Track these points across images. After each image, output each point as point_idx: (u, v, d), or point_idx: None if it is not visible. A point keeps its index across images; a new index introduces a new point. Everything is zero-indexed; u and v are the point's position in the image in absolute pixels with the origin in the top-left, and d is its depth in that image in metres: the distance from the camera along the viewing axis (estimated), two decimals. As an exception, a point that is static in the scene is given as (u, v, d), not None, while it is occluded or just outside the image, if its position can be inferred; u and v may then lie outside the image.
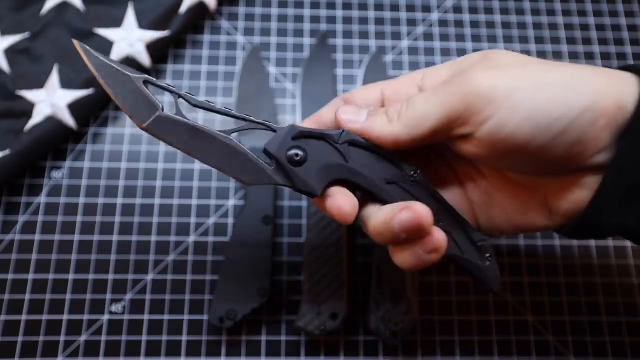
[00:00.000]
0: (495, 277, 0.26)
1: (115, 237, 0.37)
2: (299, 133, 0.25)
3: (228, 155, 0.24)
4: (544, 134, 0.22)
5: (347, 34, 0.44)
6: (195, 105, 0.25)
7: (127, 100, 0.23)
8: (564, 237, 0.28)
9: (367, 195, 0.25)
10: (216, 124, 0.40)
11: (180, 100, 0.25)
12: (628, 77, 0.23)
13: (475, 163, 0.27)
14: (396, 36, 0.44)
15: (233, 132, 0.24)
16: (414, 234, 0.23)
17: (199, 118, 0.40)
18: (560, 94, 0.22)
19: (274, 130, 0.25)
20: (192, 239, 0.38)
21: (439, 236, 0.23)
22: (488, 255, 0.25)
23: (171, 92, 0.24)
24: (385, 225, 0.23)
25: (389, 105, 0.26)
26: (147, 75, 0.24)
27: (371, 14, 0.44)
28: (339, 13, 0.44)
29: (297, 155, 0.24)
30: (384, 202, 0.25)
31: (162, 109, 0.24)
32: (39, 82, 0.38)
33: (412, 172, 0.25)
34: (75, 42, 0.24)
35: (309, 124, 0.28)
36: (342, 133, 0.25)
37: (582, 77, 0.22)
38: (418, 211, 0.23)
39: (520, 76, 0.22)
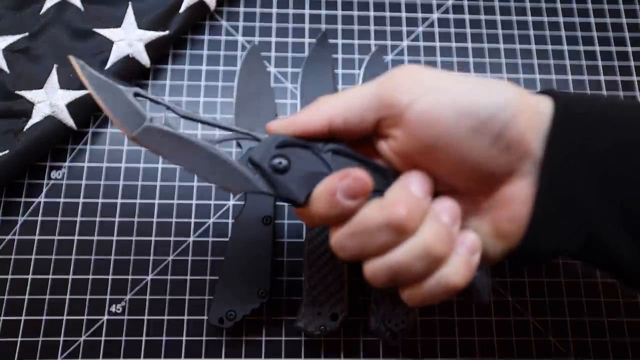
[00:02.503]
0: (485, 287, 0.24)
1: (114, 237, 0.37)
2: (283, 142, 0.25)
3: (213, 164, 0.25)
4: (469, 119, 0.23)
5: (348, 33, 0.43)
6: (182, 116, 0.26)
7: (117, 110, 0.24)
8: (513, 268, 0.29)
9: None
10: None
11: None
12: (541, 96, 0.24)
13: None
14: (396, 35, 0.43)
15: (218, 142, 0.25)
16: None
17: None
18: (481, 88, 0.23)
19: (258, 140, 0.25)
20: (192, 239, 0.38)
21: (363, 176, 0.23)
22: None
23: (159, 103, 0.26)
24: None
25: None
26: (137, 88, 0.25)
27: (371, 13, 0.44)
28: (339, 12, 0.44)
29: (280, 163, 0.24)
30: None
31: (150, 120, 0.25)
32: (38, 82, 0.38)
33: None
34: (70, 57, 0.25)
35: (284, 124, 0.27)
36: (327, 143, 0.25)
37: (498, 82, 0.24)
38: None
39: (443, 74, 0.24)
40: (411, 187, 0.23)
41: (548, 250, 0.24)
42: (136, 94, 0.25)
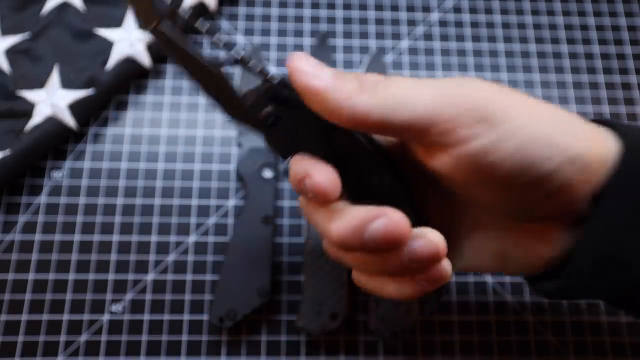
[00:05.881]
0: (433, 301, 0.24)
1: (115, 237, 0.37)
2: (280, 94, 0.23)
3: (215, 83, 0.24)
4: (528, 173, 0.20)
5: (347, 35, 0.44)
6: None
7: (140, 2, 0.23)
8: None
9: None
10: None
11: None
12: (609, 135, 0.21)
13: (437, 181, 0.23)
14: (396, 36, 0.44)
15: (222, 66, 0.24)
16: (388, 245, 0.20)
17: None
18: (558, 132, 0.20)
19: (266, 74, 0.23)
20: (192, 239, 0.38)
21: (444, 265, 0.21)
22: None
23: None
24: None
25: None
26: None
27: (371, 14, 0.44)
28: (339, 13, 0.44)
29: (273, 113, 0.23)
30: None
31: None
32: (39, 82, 0.38)
33: None
34: None
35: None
36: None
37: (577, 123, 0.21)
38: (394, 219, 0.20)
39: (520, 99, 0.20)
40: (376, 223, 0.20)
41: (584, 292, 0.22)
42: None
